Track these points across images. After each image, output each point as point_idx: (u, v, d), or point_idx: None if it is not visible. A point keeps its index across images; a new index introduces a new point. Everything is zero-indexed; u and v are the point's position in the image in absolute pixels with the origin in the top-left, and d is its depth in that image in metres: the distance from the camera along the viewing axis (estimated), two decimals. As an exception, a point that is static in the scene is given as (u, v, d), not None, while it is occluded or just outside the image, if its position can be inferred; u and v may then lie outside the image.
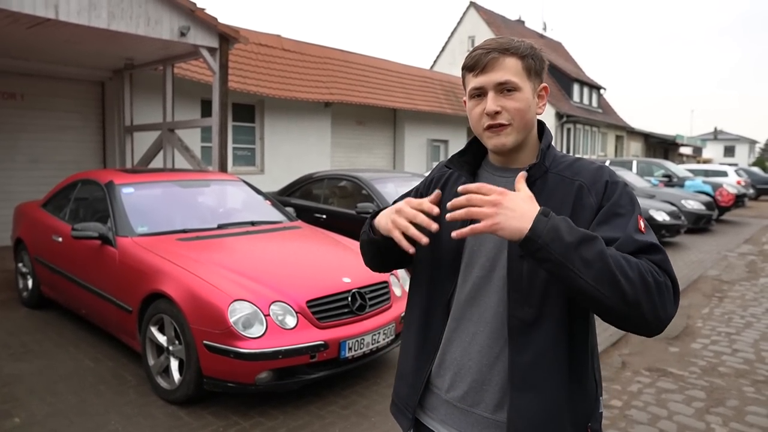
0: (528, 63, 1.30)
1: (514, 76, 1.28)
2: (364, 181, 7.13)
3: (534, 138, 1.37)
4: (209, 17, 6.96)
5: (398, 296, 4.12)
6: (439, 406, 1.40)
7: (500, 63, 1.28)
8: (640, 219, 1.24)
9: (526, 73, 1.30)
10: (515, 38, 1.33)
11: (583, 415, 1.30)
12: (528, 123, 1.32)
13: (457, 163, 1.44)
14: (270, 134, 12.14)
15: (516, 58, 1.29)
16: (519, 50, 1.29)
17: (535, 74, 1.32)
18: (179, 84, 9.30)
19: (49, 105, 8.94)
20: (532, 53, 1.31)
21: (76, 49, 7.49)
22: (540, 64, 1.33)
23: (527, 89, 1.30)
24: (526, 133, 1.33)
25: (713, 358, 4.65)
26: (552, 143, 1.38)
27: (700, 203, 12.29)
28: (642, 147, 35.68)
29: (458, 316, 1.36)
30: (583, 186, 1.27)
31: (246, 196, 5.48)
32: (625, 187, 1.28)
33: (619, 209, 1.24)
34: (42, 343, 4.54)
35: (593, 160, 1.39)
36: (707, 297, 6.69)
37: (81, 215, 4.89)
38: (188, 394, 3.40)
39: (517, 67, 1.29)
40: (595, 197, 1.26)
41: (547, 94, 1.37)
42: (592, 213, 1.25)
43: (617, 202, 1.25)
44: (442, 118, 17.26)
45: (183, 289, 3.43)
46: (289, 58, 12.42)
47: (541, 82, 1.34)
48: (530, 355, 1.24)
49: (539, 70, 1.33)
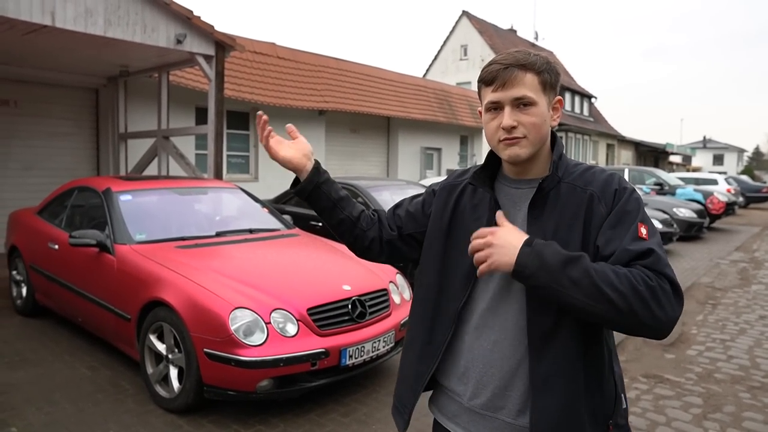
0: (544, 78, 1.33)
1: (531, 91, 1.31)
2: (360, 189, 7.14)
3: (547, 149, 1.40)
4: (206, 25, 6.98)
5: (397, 304, 4.12)
6: (461, 413, 1.42)
7: (518, 79, 1.30)
8: (641, 226, 1.26)
9: (542, 88, 1.33)
10: (531, 52, 1.35)
11: (602, 414, 1.34)
12: (543, 136, 1.35)
13: (479, 179, 1.46)
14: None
15: (533, 74, 1.32)
16: (536, 66, 1.32)
17: (550, 88, 1.34)
18: (174, 91, 9.29)
19: (42, 112, 8.89)
20: (548, 68, 1.34)
21: (71, 55, 7.47)
22: (555, 78, 1.35)
23: (543, 104, 1.33)
24: (540, 145, 1.36)
25: (709, 364, 4.69)
26: (564, 152, 1.41)
27: (692, 211, 12.40)
28: (633, 155, 35.98)
29: (478, 325, 1.38)
30: (594, 195, 1.31)
31: (243, 204, 5.47)
32: (632, 194, 1.31)
33: (624, 216, 1.28)
34: (38, 352, 4.50)
35: (604, 168, 1.40)
36: (701, 304, 6.74)
37: (77, 222, 4.87)
38: (188, 402, 3.38)
39: (534, 82, 1.32)
40: (605, 206, 1.30)
41: (561, 107, 1.40)
42: (602, 220, 1.29)
43: (622, 208, 1.29)
44: (436, 126, 17.33)
45: (183, 296, 3.42)
46: (284, 66, 12.44)
47: (556, 95, 1.37)
48: (549, 360, 1.28)
49: (554, 84, 1.35)
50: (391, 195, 7.32)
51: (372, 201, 6.85)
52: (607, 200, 1.30)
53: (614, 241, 1.25)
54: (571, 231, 1.30)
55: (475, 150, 19.98)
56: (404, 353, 1.56)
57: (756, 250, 11.59)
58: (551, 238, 1.28)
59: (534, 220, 1.34)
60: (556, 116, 1.39)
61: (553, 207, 1.33)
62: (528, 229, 1.32)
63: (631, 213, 1.28)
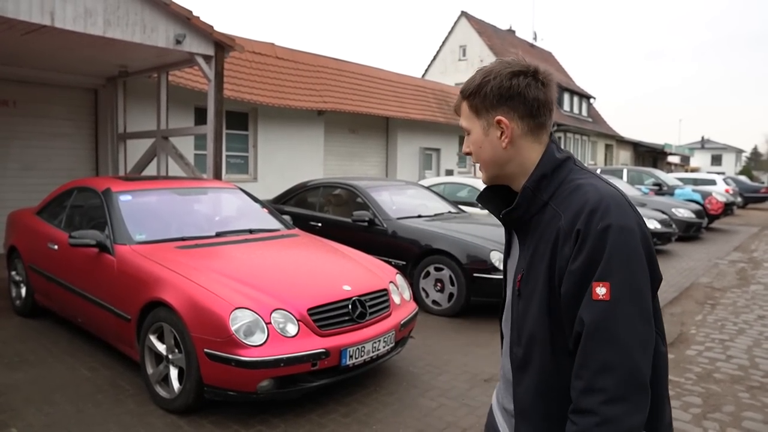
0: (472, 103, 1.32)
1: (465, 119, 1.35)
2: (360, 189, 7.14)
3: (527, 168, 1.32)
4: (205, 25, 6.97)
5: (398, 304, 4.13)
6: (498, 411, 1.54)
7: (460, 108, 1.37)
8: (596, 287, 1.13)
9: (473, 113, 1.33)
10: (480, 71, 1.32)
11: None
12: (488, 160, 1.34)
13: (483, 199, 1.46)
14: (263, 142, 12.13)
15: (465, 101, 1.34)
16: (466, 92, 1.33)
17: (484, 110, 1.30)
18: (173, 91, 9.28)
19: (41, 112, 8.88)
20: (477, 90, 1.30)
21: (70, 56, 7.46)
22: (488, 99, 1.28)
23: (476, 129, 1.33)
24: (496, 168, 1.34)
25: (708, 364, 4.69)
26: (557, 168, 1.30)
27: (691, 211, 12.42)
28: (631, 156, 36.02)
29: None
30: (560, 231, 1.20)
31: (243, 204, 5.47)
32: (600, 236, 1.14)
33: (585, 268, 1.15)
34: (37, 352, 4.49)
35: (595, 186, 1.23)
36: (700, 304, 6.75)
37: (77, 223, 4.86)
38: (188, 403, 3.38)
39: (466, 110, 1.35)
40: (569, 248, 1.18)
41: (505, 124, 1.28)
42: (566, 263, 1.19)
43: (588, 257, 1.15)
44: (435, 126, 17.34)
45: (183, 297, 3.42)
46: (283, 66, 12.44)
47: (494, 114, 1.29)
48: (523, 388, 1.30)
49: (489, 105, 1.29)
50: (390, 195, 7.32)
51: (371, 201, 6.86)
52: (570, 242, 1.18)
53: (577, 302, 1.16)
54: (541, 262, 1.24)
55: (473, 150, 19.95)
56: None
57: (754, 250, 11.61)
58: (528, 265, 1.27)
59: (522, 245, 1.34)
60: (503, 136, 1.29)
61: (535, 231, 1.27)
62: (519, 253, 1.35)
63: (587, 265, 1.14)
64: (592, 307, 1.14)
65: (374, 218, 6.64)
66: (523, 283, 1.29)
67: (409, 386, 4.03)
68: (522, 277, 1.30)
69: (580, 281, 1.16)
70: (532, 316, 1.25)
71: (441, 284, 5.94)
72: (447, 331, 5.36)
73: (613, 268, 1.13)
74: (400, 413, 3.60)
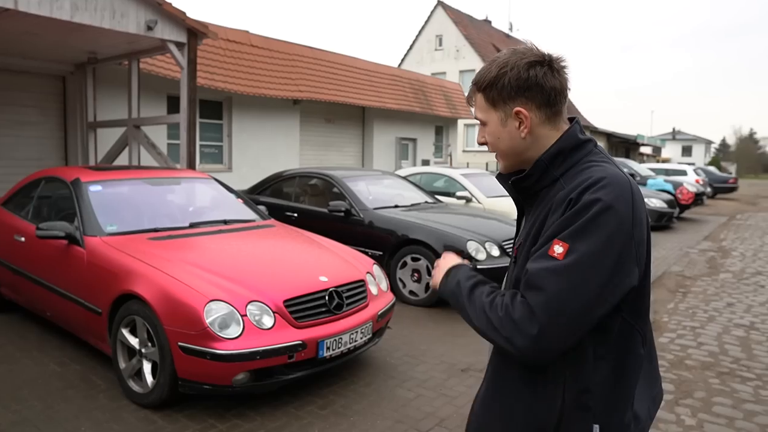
0: (488, 95, 1.32)
1: (480, 111, 1.35)
2: (336, 179, 7.09)
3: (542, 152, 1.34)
4: (177, 11, 6.80)
5: (375, 295, 4.11)
6: None
7: (473, 99, 1.37)
8: (557, 243, 1.16)
9: (490, 105, 1.33)
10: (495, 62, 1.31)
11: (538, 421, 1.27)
12: (507, 151, 1.35)
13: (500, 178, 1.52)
14: (238, 131, 11.95)
15: (480, 93, 1.34)
16: (481, 84, 1.32)
17: (501, 102, 1.30)
18: (145, 79, 9.07)
19: (6, 99, 8.59)
20: (494, 82, 1.29)
21: (36, 41, 7.21)
22: (505, 91, 1.28)
23: (493, 121, 1.33)
24: (514, 158, 1.36)
25: (680, 351, 4.78)
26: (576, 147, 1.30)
27: (663, 201, 12.65)
28: (604, 146, 36.40)
29: None
30: (554, 202, 1.24)
31: (217, 194, 5.37)
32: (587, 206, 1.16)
33: (549, 230, 1.21)
34: (4, 348, 4.36)
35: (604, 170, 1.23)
36: (672, 292, 6.88)
37: (45, 214, 4.72)
38: (162, 397, 3.32)
39: (481, 101, 1.34)
40: (557, 216, 1.21)
41: (524, 114, 1.29)
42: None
43: (555, 221, 1.20)
44: (411, 116, 17.31)
45: (156, 289, 3.34)
46: (258, 54, 12.25)
47: (512, 106, 1.29)
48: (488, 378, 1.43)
49: (506, 96, 1.29)
50: (366, 185, 7.29)
51: (347, 192, 6.81)
52: (561, 208, 1.20)
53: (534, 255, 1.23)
54: (534, 230, 1.28)
55: (450, 140, 20.03)
56: None
57: (723, 239, 11.88)
58: (526, 234, 1.31)
59: (526, 217, 1.37)
60: (522, 126, 1.29)
61: (539, 204, 1.31)
62: (523, 225, 1.40)
63: (561, 225, 1.18)
64: (541, 260, 1.18)
65: (351, 208, 6.60)
66: (519, 251, 1.33)
67: (387, 377, 4.02)
68: (519, 246, 1.34)
69: (546, 239, 1.20)
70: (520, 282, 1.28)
71: (418, 274, 5.94)
72: (424, 322, 5.36)
73: (580, 235, 1.14)
74: (378, 404, 3.59)
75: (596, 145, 1.33)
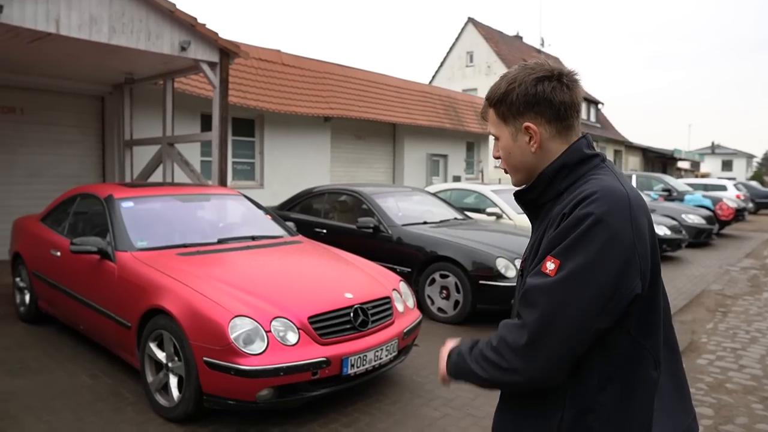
0: (499, 110, 1.33)
1: (493, 126, 1.36)
2: (365, 195, 7.10)
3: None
4: (210, 32, 6.98)
5: (401, 312, 4.06)
6: None
7: (487, 115, 1.38)
8: (549, 260, 1.16)
9: (501, 120, 1.34)
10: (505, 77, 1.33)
11: None
12: (518, 165, 1.35)
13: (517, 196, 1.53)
14: (270, 149, 12.13)
15: (492, 108, 1.35)
16: (492, 100, 1.34)
17: (511, 117, 1.31)
18: (179, 98, 9.30)
19: (48, 119, 8.92)
20: (503, 98, 1.31)
21: (76, 63, 7.49)
22: (515, 106, 1.29)
23: (505, 135, 1.34)
24: (526, 172, 1.35)
25: (720, 374, 4.59)
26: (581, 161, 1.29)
27: (701, 217, 12.27)
28: (640, 161, 35.79)
29: None
30: (552, 217, 1.25)
31: (246, 211, 5.43)
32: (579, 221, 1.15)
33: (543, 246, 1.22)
34: (39, 359, 4.47)
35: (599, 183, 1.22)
36: (711, 312, 6.63)
37: (80, 229, 4.85)
38: (187, 411, 3.33)
39: (493, 117, 1.36)
40: (552, 230, 1.22)
41: (533, 129, 1.29)
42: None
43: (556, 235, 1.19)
44: (442, 132, 17.29)
45: (183, 304, 3.38)
46: (289, 72, 12.45)
47: (522, 120, 1.30)
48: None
49: (516, 111, 1.30)
50: (395, 201, 7.28)
51: (376, 208, 6.81)
52: (554, 225, 1.21)
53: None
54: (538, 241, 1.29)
55: (481, 156, 19.92)
56: None
57: (767, 256, 11.43)
58: (530, 249, 1.32)
59: (533, 232, 1.37)
60: (532, 142, 1.30)
61: (542, 219, 1.31)
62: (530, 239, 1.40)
63: (553, 241, 1.18)
64: (535, 277, 1.18)
65: (379, 225, 6.59)
66: (525, 264, 1.33)
67: (413, 395, 3.96)
68: (525, 261, 1.34)
69: (541, 255, 1.20)
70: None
71: (446, 291, 5.87)
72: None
73: (572, 251, 1.13)
74: (403, 423, 3.53)
75: (604, 160, 1.32)
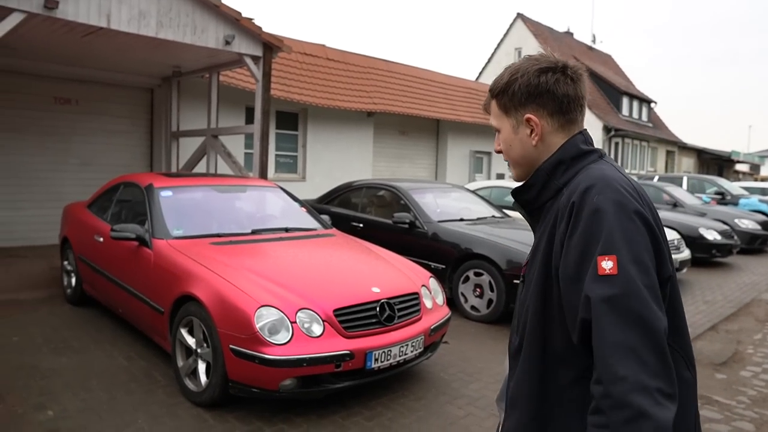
0: (501, 101, 1.30)
1: (494, 118, 1.33)
2: (402, 190, 7.08)
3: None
4: (254, 26, 7.09)
5: (429, 308, 4.04)
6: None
7: (489, 107, 1.35)
8: (602, 259, 1.06)
9: (503, 112, 1.31)
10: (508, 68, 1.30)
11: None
12: (518, 158, 1.32)
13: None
14: (312, 142, 12.26)
15: (494, 99, 1.32)
16: (494, 91, 1.31)
17: (513, 109, 1.28)
18: (225, 91, 9.50)
19: (101, 110, 9.27)
20: (505, 89, 1.28)
21: (126, 56, 7.75)
22: (516, 97, 1.26)
23: (506, 127, 1.31)
24: (526, 166, 1.32)
25: (764, 387, 4.37)
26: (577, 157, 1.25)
27: (756, 222, 11.72)
28: (695, 163, 34.41)
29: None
30: (558, 211, 1.19)
31: (282, 203, 5.51)
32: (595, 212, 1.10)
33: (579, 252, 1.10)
34: (81, 340, 4.66)
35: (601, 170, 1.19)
36: (760, 322, 6.32)
37: (122, 216, 5.02)
38: (214, 397, 3.41)
39: (495, 108, 1.33)
40: (564, 223, 1.15)
41: (534, 121, 1.26)
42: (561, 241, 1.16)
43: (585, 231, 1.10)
44: (486, 129, 17.06)
45: (212, 292, 3.46)
46: (333, 67, 12.54)
47: (523, 112, 1.26)
48: (515, 379, 1.28)
49: (517, 104, 1.27)
50: (433, 198, 7.23)
51: (413, 203, 6.79)
52: (566, 217, 1.15)
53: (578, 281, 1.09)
54: (542, 244, 1.23)
55: (526, 154, 19.57)
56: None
57: (827, 266, 10.81)
58: (533, 250, 1.27)
59: (535, 233, 1.34)
60: (533, 134, 1.27)
61: (545, 218, 1.27)
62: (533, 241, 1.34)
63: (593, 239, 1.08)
64: (599, 283, 1.06)
65: (415, 220, 6.56)
66: (527, 269, 1.29)
67: (438, 393, 3.94)
68: (527, 263, 1.30)
69: (580, 257, 1.10)
70: (530, 303, 1.23)
71: (480, 290, 5.80)
72: (483, 338, 5.23)
73: (616, 241, 1.06)
74: (426, 420, 3.52)
75: (602, 156, 1.27)
